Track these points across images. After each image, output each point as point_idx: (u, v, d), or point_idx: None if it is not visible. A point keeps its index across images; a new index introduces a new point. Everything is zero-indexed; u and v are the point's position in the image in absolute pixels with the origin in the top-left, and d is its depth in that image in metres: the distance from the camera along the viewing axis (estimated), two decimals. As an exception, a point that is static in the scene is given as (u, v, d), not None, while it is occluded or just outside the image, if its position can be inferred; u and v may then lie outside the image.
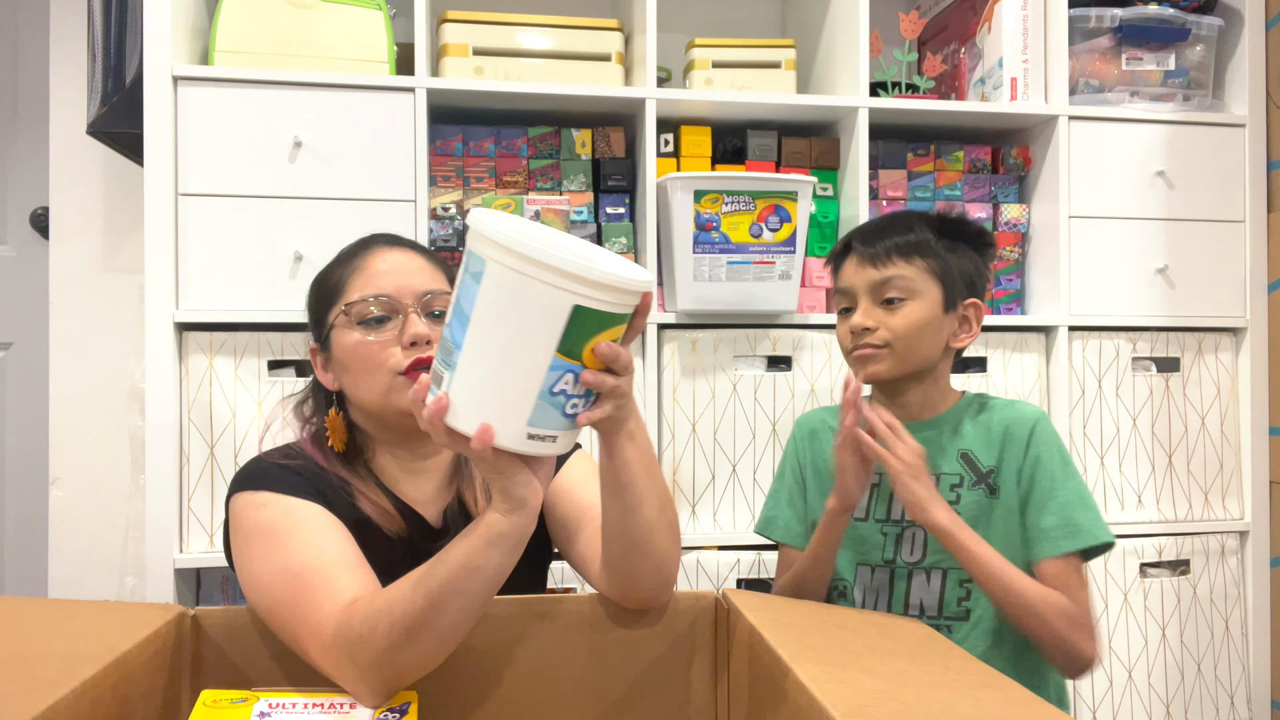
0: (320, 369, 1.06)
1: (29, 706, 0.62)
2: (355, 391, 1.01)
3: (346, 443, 1.04)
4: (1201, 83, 1.87)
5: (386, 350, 0.98)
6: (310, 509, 0.93)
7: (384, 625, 0.79)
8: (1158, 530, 1.80)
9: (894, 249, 1.18)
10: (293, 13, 1.60)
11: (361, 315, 0.99)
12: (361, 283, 1.01)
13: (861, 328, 1.18)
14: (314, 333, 1.07)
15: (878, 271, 1.18)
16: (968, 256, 1.20)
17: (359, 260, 1.03)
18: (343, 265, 1.05)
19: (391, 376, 0.98)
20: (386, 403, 0.99)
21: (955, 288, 1.18)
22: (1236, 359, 1.88)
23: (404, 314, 0.99)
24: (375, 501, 1.00)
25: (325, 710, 0.79)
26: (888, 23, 1.99)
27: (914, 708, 0.65)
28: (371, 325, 0.99)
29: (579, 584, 1.61)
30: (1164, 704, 1.78)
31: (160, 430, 1.52)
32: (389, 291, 1.00)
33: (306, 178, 1.58)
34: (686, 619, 0.95)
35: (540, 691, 0.91)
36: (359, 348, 0.99)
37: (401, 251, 1.04)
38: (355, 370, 1.00)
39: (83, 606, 0.88)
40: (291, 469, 0.98)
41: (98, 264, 2.00)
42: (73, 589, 1.96)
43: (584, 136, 1.75)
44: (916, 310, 1.17)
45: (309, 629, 0.83)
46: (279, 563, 0.88)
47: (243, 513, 0.94)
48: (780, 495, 1.28)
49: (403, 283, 1.00)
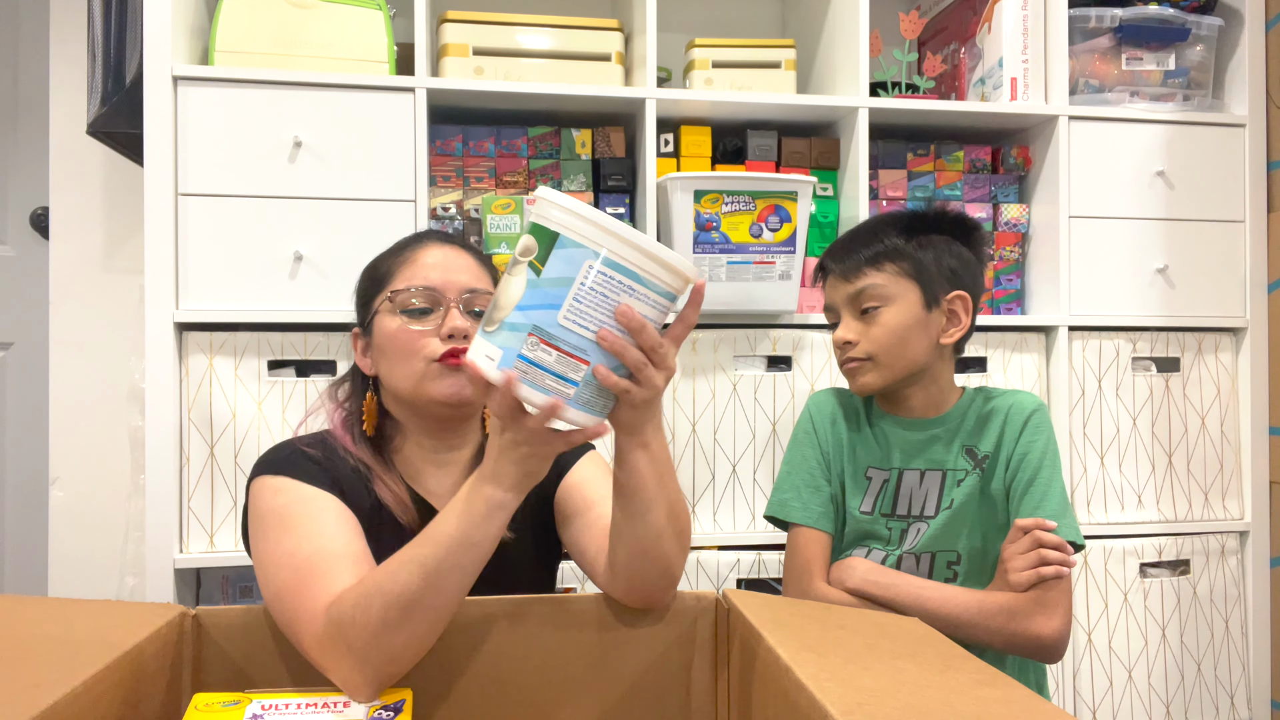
0: (360, 353, 1.10)
1: (29, 706, 0.62)
2: (390, 377, 1.05)
3: (376, 429, 1.07)
4: (1201, 83, 1.87)
5: (425, 339, 1.02)
6: (326, 499, 0.95)
7: (378, 605, 0.79)
8: (1158, 530, 1.80)
9: (862, 260, 1.20)
10: (293, 13, 1.60)
11: (405, 304, 1.03)
12: (409, 273, 1.05)
13: (844, 341, 1.20)
14: (358, 316, 1.11)
15: (851, 284, 1.20)
16: (946, 249, 1.20)
17: (410, 252, 1.08)
18: (394, 256, 1.09)
19: (426, 364, 1.01)
20: (419, 390, 1.02)
21: (934, 284, 1.18)
22: (1236, 359, 1.88)
23: (446, 307, 1.03)
24: (394, 490, 1.03)
25: (319, 710, 0.79)
26: (888, 23, 2.00)
27: (914, 707, 0.65)
28: (414, 314, 1.03)
29: (579, 584, 1.61)
30: (1164, 704, 1.78)
31: (160, 430, 1.52)
32: (434, 284, 1.04)
33: (306, 178, 1.58)
34: (686, 619, 0.95)
35: (540, 691, 0.91)
36: (399, 334, 1.02)
37: (452, 249, 1.09)
38: (392, 356, 1.03)
39: (83, 606, 0.88)
40: (313, 458, 1.00)
41: (98, 264, 2.00)
42: (73, 589, 1.96)
43: (584, 136, 1.75)
44: (894, 316, 1.17)
45: (305, 615, 0.84)
46: (288, 547, 0.89)
47: (260, 496, 0.96)
48: (796, 479, 1.25)
49: (448, 278, 1.04)
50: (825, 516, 1.22)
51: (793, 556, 1.22)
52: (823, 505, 1.23)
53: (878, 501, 1.22)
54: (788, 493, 1.25)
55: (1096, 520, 1.78)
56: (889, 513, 1.21)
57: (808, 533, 1.21)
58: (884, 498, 1.22)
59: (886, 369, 1.18)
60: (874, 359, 1.18)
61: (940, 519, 1.19)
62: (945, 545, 1.18)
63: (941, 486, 1.20)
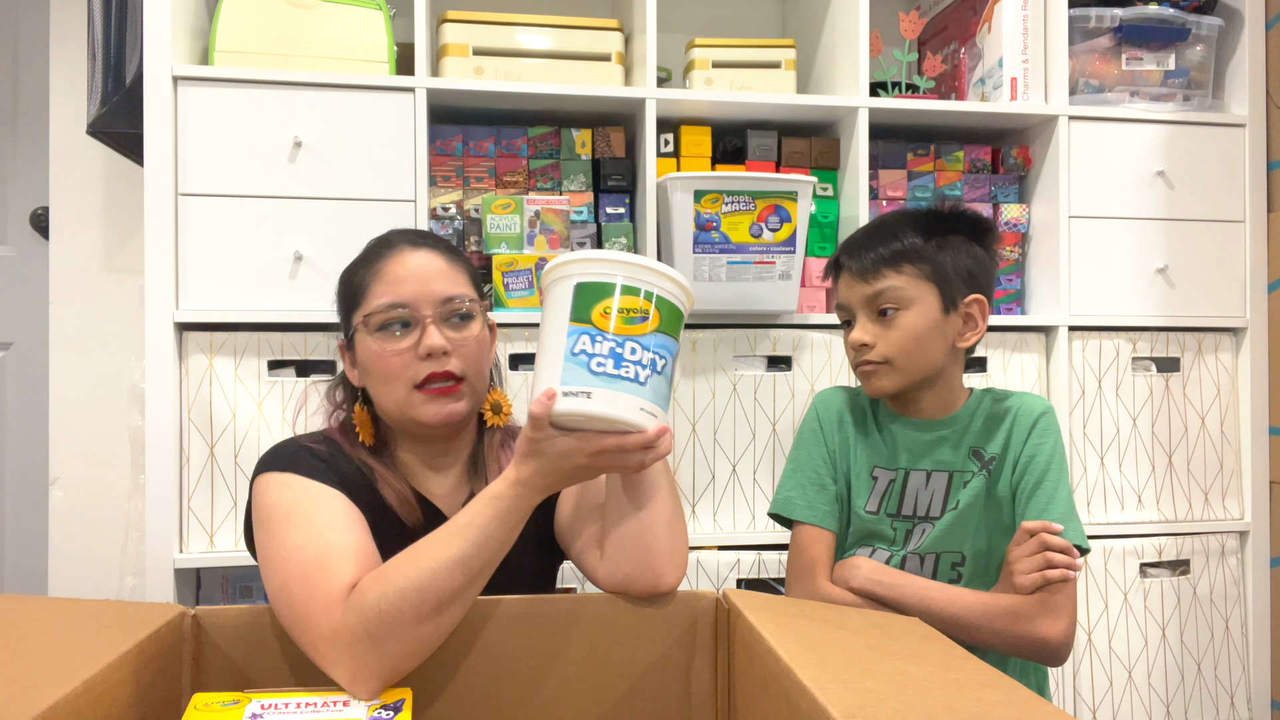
0: (348, 366, 1.09)
1: (29, 706, 0.62)
2: (377, 397, 1.05)
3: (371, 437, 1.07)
4: (1201, 83, 1.87)
5: (404, 361, 1.00)
6: (332, 495, 0.94)
7: (412, 598, 0.81)
8: (1158, 530, 1.80)
9: (881, 260, 1.16)
10: (293, 13, 1.60)
11: (380, 324, 1.01)
12: (381, 289, 1.02)
13: (860, 344, 1.18)
14: (342, 328, 1.10)
15: (869, 285, 1.17)
16: (964, 250, 1.18)
17: (380, 264, 1.05)
18: (365, 267, 1.06)
19: (408, 390, 1.00)
20: (405, 414, 1.01)
21: (953, 287, 1.17)
22: (1236, 359, 1.88)
23: (422, 325, 1.00)
24: (397, 490, 1.03)
25: (318, 709, 0.79)
26: (888, 23, 2.00)
27: (914, 708, 0.65)
28: (392, 334, 1.01)
29: (579, 584, 1.61)
30: (1164, 704, 1.78)
31: (160, 430, 1.52)
32: (407, 300, 1.01)
33: (306, 178, 1.58)
34: (686, 619, 0.95)
35: (540, 691, 0.91)
36: (378, 359, 1.01)
37: (424, 253, 1.05)
38: (376, 378, 1.03)
39: (83, 606, 0.87)
40: (317, 454, 1.00)
41: (98, 264, 2.00)
42: (73, 589, 1.96)
43: (584, 136, 1.75)
44: (913, 320, 1.15)
45: (317, 607, 0.83)
46: (296, 541, 0.89)
47: (267, 492, 0.95)
48: (802, 476, 1.24)
49: (422, 291, 1.01)
50: (830, 515, 1.21)
51: (797, 555, 1.22)
52: (828, 504, 1.22)
53: (883, 501, 1.21)
54: (792, 491, 1.24)
55: (1096, 520, 1.78)
56: (894, 513, 1.21)
57: (812, 531, 1.21)
58: (890, 498, 1.21)
59: (903, 372, 1.17)
60: (891, 362, 1.16)
61: (946, 520, 1.18)
62: (950, 546, 1.18)
63: (948, 487, 1.20)
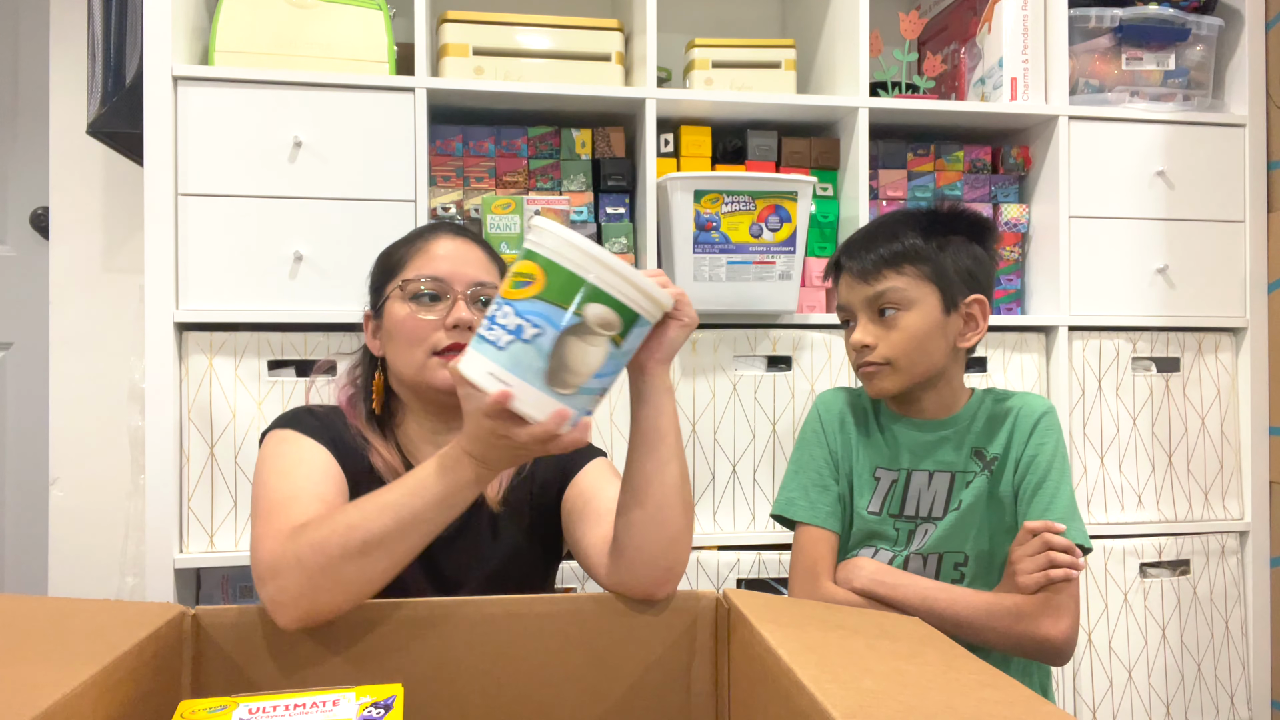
0: (370, 335, 1.16)
1: (29, 706, 0.62)
2: (395, 361, 1.10)
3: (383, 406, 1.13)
4: (1201, 83, 1.87)
5: (430, 328, 1.07)
6: (317, 450, 1.02)
7: (341, 532, 0.84)
8: (1158, 530, 1.80)
9: (882, 261, 1.17)
10: (293, 13, 1.60)
11: (414, 292, 1.08)
12: (420, 263, 1.10)
13: (861, 345, 1.18)
14: (371, 299, 1.16)
15: (869, 286, 1.17)
16: (964, 251, 1.18)
17: (423, 242, 1.13)
18: (408, 245, 1.14)
19: (428, 355, 1.07)
20: (420, 377, 1.07)
21: (954, 287, 1.17)
22: (1236, 359, 1.88)
23: (453, 298, 1.08)
24: (387, 460, 1.08)
25: (307, 710, 0.78)
26: (888, 23, 2.00)
27: (915, 708, 0.65)
28: (422, 302, 1.08)
29: (579, 584, 1.61)
30: (1164, 704, 1.78)
31: (160, 430, 1.52)
32: (443, 274, 1.09)
33: (306, 178, 1.58)
34: (686, 619, 0.95)
35: (540, 691, 0.91)
36: (406, 321, 1.08)
37: (463, 241, 1.13)
38: (399, 342, 1.09)
39: (83, 606, 0.87)
40: (317, 415, 1.08)
41: (98, 264, 2.00)
42: (73, 589, 1.96)
43: (584, 136, 1.75)
44: (914, 320, 1.16)
45: (269, 535, 0.89)
46: (273, 484, 0.97)
47: (265, 447, 1.05)
48: (804, 478, 1.24)
49: (457, 269, 1.09)
50: (832, 516, 1.21)
51: (799, 556, 1.21)
52: (830, 505, 1.22)
53: (886, 502, 1.21)
54: (795, 492, 1.24)
55: (1097, 520, 1.78)
56: (897, 513, 1.21)
57: (814, 532, 1.21)
58: (892, 498, 1.21)
59: (904, 373, 1.17)
60: (892, 363, 1.16)
61: (948, 520, 1.18)
62: (953, 546, 1.18)
63: (950, 488, 1.20)
